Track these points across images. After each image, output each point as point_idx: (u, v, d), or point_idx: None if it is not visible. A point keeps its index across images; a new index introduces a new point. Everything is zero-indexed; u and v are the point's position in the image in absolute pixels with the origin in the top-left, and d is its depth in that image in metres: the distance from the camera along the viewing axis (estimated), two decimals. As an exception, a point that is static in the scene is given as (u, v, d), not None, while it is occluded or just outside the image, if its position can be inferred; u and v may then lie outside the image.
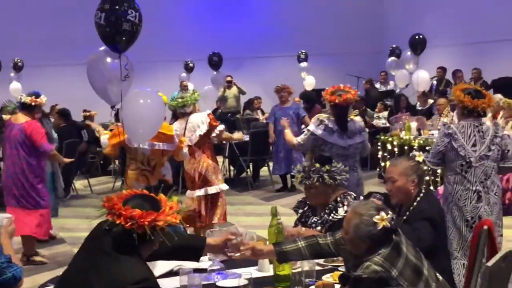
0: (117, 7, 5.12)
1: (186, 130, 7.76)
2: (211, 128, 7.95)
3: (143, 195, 3.34)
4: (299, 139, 6.70)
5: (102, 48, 5.34)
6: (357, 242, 3.39)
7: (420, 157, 4.90)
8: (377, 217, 3.32)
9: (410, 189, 4.49)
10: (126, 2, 5.15)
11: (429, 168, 6.05)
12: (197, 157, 7.88)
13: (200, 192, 7.78)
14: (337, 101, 6.43)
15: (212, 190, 7.86)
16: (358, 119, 6.94)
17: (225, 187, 8.13)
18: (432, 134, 10.80)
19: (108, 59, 5.22)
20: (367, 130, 6.72)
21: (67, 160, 8.41)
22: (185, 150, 7.32)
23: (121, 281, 3.10)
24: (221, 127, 8.10)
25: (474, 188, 5.58)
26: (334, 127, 6.47)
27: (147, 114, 5.48)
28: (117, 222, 3.14)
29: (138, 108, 5.42)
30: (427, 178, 9.64)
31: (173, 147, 7.04)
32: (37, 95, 7.72)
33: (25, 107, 7.68)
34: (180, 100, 7.71)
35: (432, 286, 3.36)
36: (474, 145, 5.59)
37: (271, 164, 13.05)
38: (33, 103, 7.64)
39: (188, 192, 8.03)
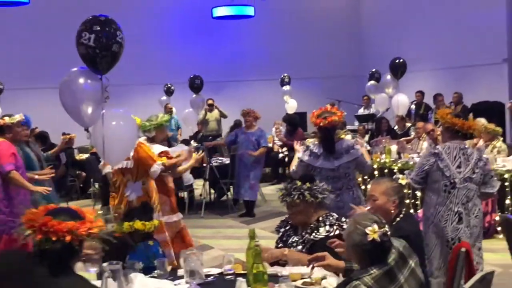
0: (107, 28, 5.09)
1: None
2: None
3: (64, 209, 3.24)
4: (294, 166, 6.73)
5: (74, 69, 5.28)
6: (350, 251, 3.50)
7: (403, 180, 4.93)
8: (370, 228, 3.37)
9: (390, 210, 4.50)
10: (114, 24, 5.13)
11: (409, 192, 6.07)
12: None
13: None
14: (322, 124, 6.44)
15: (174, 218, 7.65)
16: (348, 137, 6.94)
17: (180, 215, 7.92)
18: (412, 158, 10.85)
19: (81, 80, 5.16)
20: (358, 147, 6.63)
21: (37, 188, 7.33)
22: (155, 169, 6.83)
23: None
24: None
25: (455, 209, 5.66)
26: (319, 151, 6.50)
27: (119, 135, 5.40)
28: (54, 238, 2.98)
29: (111, 129, 5.33)
30: (407, 201, 9.67)
31: (130, 165, 6.67)
32: (2, 117, 7.48)
33: None
34: (142, 123, 7.35)
35: None
36: (459, 166, 5.68)
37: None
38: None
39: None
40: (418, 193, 9.23)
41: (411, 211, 9.67)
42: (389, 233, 3.46)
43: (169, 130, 15.74)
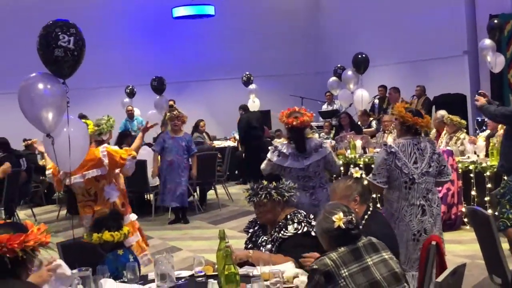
0: (50, 34, 5.01)
1: None
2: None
3: (8, 223, 3.42)
4: (263, 165, 6.77)
5: (33, 74, 5.18)
6: (320, 237, 3.74)
7: (357, 173, 4.93)
8: (336, 216, 3.61)
9: (355, 209, 4.47)
10: (59, 28, 5.04)
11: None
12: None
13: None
14: (294, 123, 6.52)
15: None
16: (315, 136, 6.99)
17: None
18: (377, 152, 10.89)
19: (41, 85, 5.06)
20: (326, 145, 6.71)
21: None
22: (130, 163, 6.95)
23: None
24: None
25: (418, 203, 5.75)
26: (288, 151, 6.55)
27: (72, 141, 5.32)
28: None
29: (63, 136, 5.26)
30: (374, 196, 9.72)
31: (104, 171, 6.73)
32: None
33: None
34: (96, 128, 7.37)
35: None
36: (415, 162, 5.77)
37: (218, 187, 13.01)
38: None
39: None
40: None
41: (378, 205, 9.74)
42: (355, 221, 3.64)
43: (132, 131, 15.71)
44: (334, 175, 8.67)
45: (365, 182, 5.14)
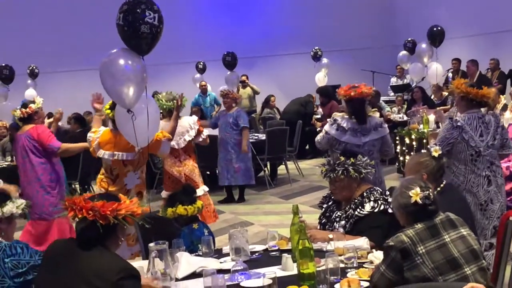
0: (136, 10, 5.08)
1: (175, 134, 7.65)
2: (198, 133, 8.46)
3: (103, 194, 3.62)
4: (318, 137, 6.69)
5: (114, 50, 5.28)
6: (397, 213, 3.72)
7: (436, 152, 4.85)
8: (412, 191, 3.58)
9: None
10: (144, 4, 5.12)
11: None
12: (183, 160, 8.41)
13: None
14: (352, 94, 6.44)
15: (200, 192, 8.09)
16: (377, 115, 6.86)
17: (206, 188, 8.56)
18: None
19: (122, 61, 5.16)
20: (386, 125, 6.62)
21: (84, 145, 7.43)
22: (166, 146, 6.79)
23: (107, 272, 3.21)
24: (206, 132, 8.64)
25: (484, 174, 5.90)
26: (347, 126, 6.43)
27: (143, 118, 5.42)
28: (79, 216, 3.27)
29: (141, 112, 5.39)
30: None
31: (133, 157, 6.54)
32: (25, 105, 7.54)
33: (23, 120, 7.53)
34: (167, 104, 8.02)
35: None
36: (481, 135, 5.91)
37: (289, 163, 13.03)
38: (26, 115, 7.47)
39: (165, 193, 8.47)
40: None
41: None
42: (432, 196, 3.59)
43: (204, 107, 15.86)
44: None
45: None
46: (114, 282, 3.18)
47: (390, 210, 4.44)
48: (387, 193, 4.80)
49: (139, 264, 4.22)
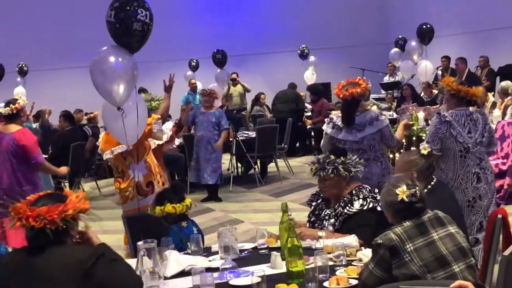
0: (128, 7, 5.07)
1: None
2: (171, 140, 8.54)
3: (47, 194, 3.39)
4: (322, 141, 6.70)
5: (105, 48, 5.27)
6: (385, 210, 3.74)
7: (425, 150, 4.87)
8: (399, 189, 3.58)
9: None
10: (136, 2, 5.11)
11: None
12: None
13: None
14: (341, 96, 6.38)
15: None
16: (374, 108, 6.81)
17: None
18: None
19: (112, 59, 5.15)
20: (383, 117, 6.48)
21: (62, 169, 7.70)
22: (157, 126, 6.76)
23: (74, 263, 3.15)
24: (177, 142, 8.85)
25: (473, 170, 5.92)
26: (342, 124, 6.41)
27: (132, 116, 5.41)
28: (27, 225, 3.19)
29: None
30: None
31: (127, 148, 6.45)
32: (13, 102, 7.29)
33: (8, 118, 7.28)
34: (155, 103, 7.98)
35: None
36: (469, 132, 5.93)
37: (279, 160, 13.03)
38: (15, 111, 7.21)
39: None
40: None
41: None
42: (419, 194, 3.60)
43: (193, 104, 15.85)
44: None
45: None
46: (87, 269, 3.12)
47: (379, 208, 4.45)
48: (376, 190, 4.80)
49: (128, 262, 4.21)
